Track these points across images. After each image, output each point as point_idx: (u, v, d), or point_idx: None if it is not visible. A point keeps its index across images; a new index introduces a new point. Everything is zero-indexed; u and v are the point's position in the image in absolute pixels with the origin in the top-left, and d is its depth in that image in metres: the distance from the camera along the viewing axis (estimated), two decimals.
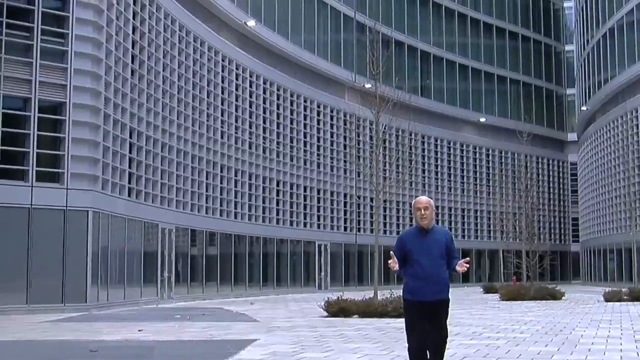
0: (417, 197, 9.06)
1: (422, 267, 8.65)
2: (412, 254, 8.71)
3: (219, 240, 40.19)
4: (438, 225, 8.95)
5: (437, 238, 8.82)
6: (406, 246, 8.80)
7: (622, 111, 53.36)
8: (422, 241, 8.76)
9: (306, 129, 50.04)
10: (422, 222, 8.80)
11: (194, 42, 37.97)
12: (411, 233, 8.97)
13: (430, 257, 8.70)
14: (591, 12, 62.42)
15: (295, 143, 48.69)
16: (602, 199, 59.06)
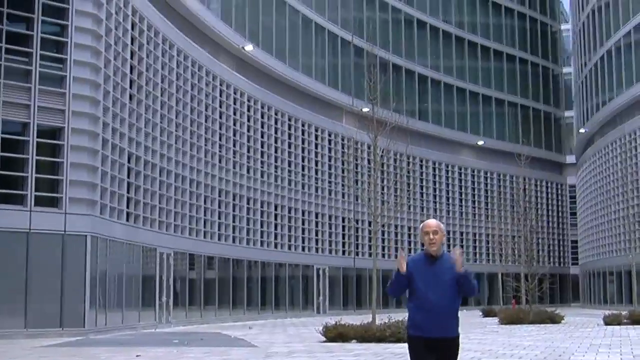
0: (426, 221, 8.05)
1: (428, 299, 7.75)
2: (418, 283, 7.81)
3: (218, 265, 40.13)
4: (448, 252, 8.02)
5: (447, 267, 7.83)
6: (411, 274, 7.87)
7: (620, 133, 53.44)
8: (430, 269, 7.84)
9: (304, 153, 50.07)
10: (431, 248, 7.85)
11: (192, 67, 38.05)
12: (417, 260, 7.99)
13: (438, 287, 7.78)
14: (589, 35, 62.63)
15: (293, 167, 48.71)
16: (601, 221, 59.04)
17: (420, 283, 7.79)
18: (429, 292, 7.76)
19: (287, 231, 47.64)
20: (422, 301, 7.78)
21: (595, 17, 60.09)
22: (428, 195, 63.11)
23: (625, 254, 50.27)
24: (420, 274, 7.83)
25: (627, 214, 50.12)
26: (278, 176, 46.94)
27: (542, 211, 71.76)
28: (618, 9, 54.31)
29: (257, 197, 44.41)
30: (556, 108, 78.43)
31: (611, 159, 56.16)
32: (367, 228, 54.30)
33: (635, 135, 51.21)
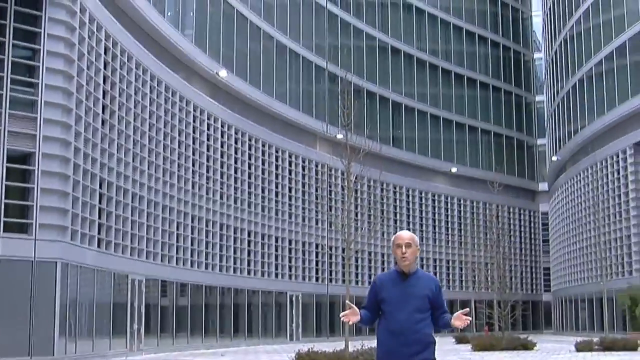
0: (398, 232, 7.29)
1: (398, 321, 7.01)
2: (387, 303, 7.07)
3: (190, 291, 39.84)
4: (422, 269, 7.41)
5: (420, 285, 7.12)
6: (380, 293, 7.14)
7: (592, 161, 53.74)
8: (401, 288, 7.09)
9: (277, 179, 49.96)
10: (403, 264, 7.09)
11: (166, 92, 37.89)
12: (388, 277, 7.27)
13: (410, 308, 7.03)
14: (561, 63, 63.09)
15: (266, 193, 48.56)
16: (573, 248, 59.25)
17: (389, 304, 7.10)
18: (399, 313, 7.04)
19: (260, 258, 47.42)
20: (391, 324, 7.06)
21: (568, 46, 60.56)
22: (401, 222, 63.08)
23: (597, 281, 50.42)
24: (390, 294, 7.12)
25: (598, 241, 50.29)
26: (251, 202, 46.78)
27: (514, 238, 71.95)
28: (590, 38, 54.75)
29: (230, 223, 44.21)
30: (529, 136, 78.82)
31: (583, 187, 56.44)
32: (341, 255, 54.08)
33: (606, 163, 51.51)
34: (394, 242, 7.21)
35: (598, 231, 51.06)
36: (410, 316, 7.05)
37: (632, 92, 47.44)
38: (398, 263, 7.18)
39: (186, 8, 41.85)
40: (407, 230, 7.49)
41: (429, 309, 7.16)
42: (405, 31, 66.29)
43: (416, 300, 7.09)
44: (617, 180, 50.34)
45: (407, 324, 7.04)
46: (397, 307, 7.08)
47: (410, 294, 7.09)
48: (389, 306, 7.11)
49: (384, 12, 64.51)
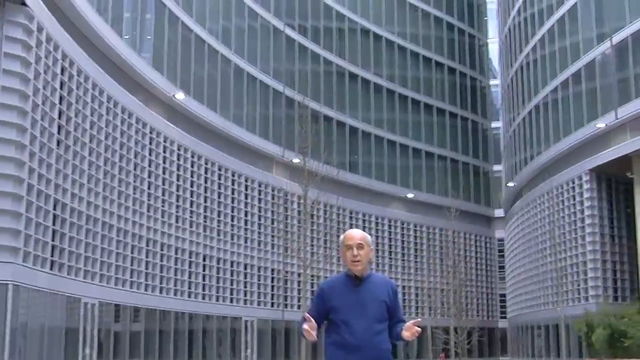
0: (347, 231, 6.51)
1: (352, 333, 6.12)
2: (339, 312, 6.20)
3: (144, 316, 39.28)
4: (377, 273, 6.65)
5: (375, 290, 6.32)
6: (330, 301, 6.26)
7: (548, 187, 54.01)
8: (354, 294, 6.24)
9: (234, 203, 49.59)
10: (355, 268, 6.27)
11: (122, 114, 37.45)
12: (338, 283, 6.39)
13: (366, 317, 6.18)
14: (517, 90, 63.53)
15: (222, 217, 48.15)
16: (529, 275, 59.42)
17: (341, 313, 6.20)
18: (355, 323, 6.15)
19: (215, 282, 46.96)
20: (345, 337, 6.15)
21: (523, 73, 61.00)
22: None
23: (553, 307, 50.55)
24: (342, 301, 6.23)
25: (555, 267, 50.50)
26: (207, 226, 46.35)
27: (470, 264, 72.05)
28: (545, 65, 55.18)
29: (186, 247, 43.75)
30: (485, 162, 79.21)
31: (539, 213, 56.69)
32: (297, 280, 53.83)
33: (562, 189, 51.78)
34: (343, 242, 6.40)
35: (554, 257, 51.25)
36: (369, 327, 6.18)
37: (587, 119, 47.79)
38: (349, 267, 6.34)
39: (144, 30, 41.55)
40: (359, 229, 6.57)
41: (387, 318, 6.37)
42: (362, 56, 66.46)
43: (374, 307, 6.26)
44: (573, 206, 50.61)
45: (365, 336, 6.15)
46: (352, 317, 6.19)
47: (366, 300, 6.25)
48: (343, 315, 6.20)
49: (341, 37, 64.65)
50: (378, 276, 6.58)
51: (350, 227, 60.52)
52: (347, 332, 6.21)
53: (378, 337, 6.27)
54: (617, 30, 44.78)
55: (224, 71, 49.48)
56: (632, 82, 43.39)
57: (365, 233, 6.49)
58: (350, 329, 6.21)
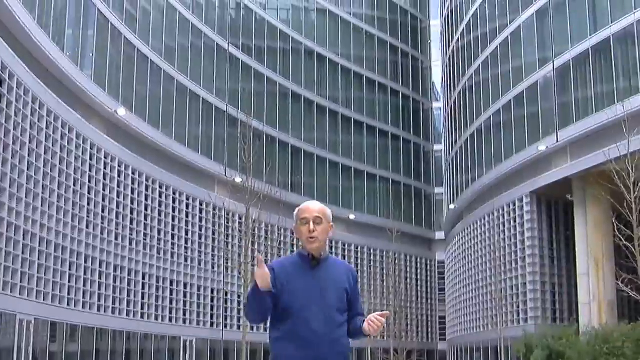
0: (304, 203, 5.64)
1: (308, 324, 5.16)
2: (293, 299, 5.23)
3: (81, 335, 38.58)
4: (336, 257, 5.83)
5: (335, 275, 5.38)
6: (280, 281, 5.30)
7: (489, 209, 54.33)
8: (310, 278, 5.31)
9: (174, 221, 49.07)
10: (311, 246, 5.36)
11: (62, 129, 36.93)
12: (289, 263, 5.44)
13: (324, 306, 5.24)
14: (459, 113, 63.97)
15: (162, 235, 47.62)
16: (469, 297, 59.64)
17: (294, 299, 5.22)
18: (308, 313, 5.19)
19: (155, 301, 46.36)
20: (296, 328, 5.18)
21: (466, 96, 61.43)
22: None
23: (493, 329, 50.74)
24: (293, 286, 5.27)
25: (495, 289, 50.74)
26: (147, 244, 45.80)
27: (411, 286, 72.20)
28: (488, 88, 55.61)
29: (125, 264, 43.15)
30: (426, 184, 79.52)
31: (480, 235, 56.98)
32: (237, 299, 53.38)
33: (503, 212, 52.11)
34: (298, 216, 5.50)
35: (494, 279, 51.49)
36: (329, 317, 5.23)
37: (529, 142, 48.18)
38: (304, 245, 5.42)
39: (86, 45, 41.06)
40: (317, 202, 5.65)
41: (347, 308, 5.43)
42: (306, 77, 66.47)
43: (333, 294, 5.30)
44: (514, 228, 50.93)
45: (325, 329, 5.19)
46: (308, 304, 5.22)
47: (325, 286, 5.30)
48: (296, 302, 5.21)
49: (285, 57, 64.59)
50: (337, 259, 5.61)
51: (291, 247, 60.22)
52: (301, 322, 5.18)
53: (339, 331, 5.29)
54: (559, 54, 45.26)
55: (166, 88, 49.09)
56: (573, 106, 43.86)
57: (325, 206, 5.55)
58: (305, 318, 5.18)
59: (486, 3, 56.67)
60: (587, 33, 42.74)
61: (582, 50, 43.10)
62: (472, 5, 59.81)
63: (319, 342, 5.19)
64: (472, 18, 59.82)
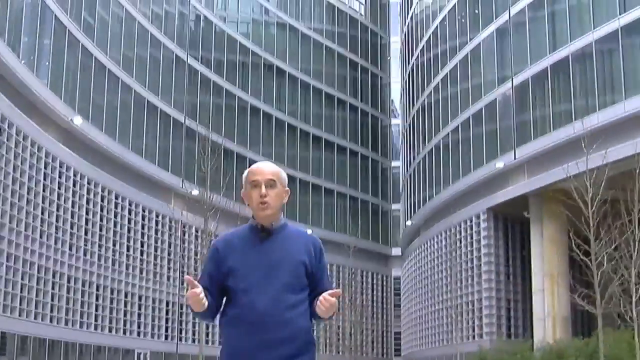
0: (254, 165, 4.91)
1: (254, 306, 4.53)
2: (239, 278, 4.60)
3: (32, 346, 37.95)
4: (293, 226, 4.92)
5: (290, 247, 4.71)
6: (226, 263, 4.67)
7: (446, 226, 54.46)
8: (259, 252, 4.66)
9: (130, 232, 48.59)
10: (262, 213, 4.68)
11: (17, 136, 36.41)
12: (237, 237, 4.77)
13: (277, 285, 4.57)
14: (418, 130, 64.12)
15: (117, 247, 47.10)
16: (424, 312, 59.68)
17: (239, 280, 4.60)
18: (258, 293, 4.54)
19: (109, 313, 45.79)
20: (241, 312, 4.57)
21: (425, 113, 61.63)
22: None
23: (448, 344, 50.78)
24: (241, 262, 4.63)
25: (451, 304, 50.81)
26: (102, 255, 45.27)
27: (367, 302, 72.13)
28: (447, 106, 55.82)
29: (79, 275, 42.60)
30: (384, 201, 79.61)
31: (436, 251, 57.09)
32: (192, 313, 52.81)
33: (460, 228, 52.24)
34: (248, 179, 4.78)
35: (450, 294, 51.57)
36: (278, 297, 4.55)
37: (486, 158, 48.35)
38: (254, 213, 4.73)
39: (43, 52, 40.57)
40: (269, 162, 4.80)
41: (306, 285, 4.71)
42: (265, 91, 66.33)
43: (287, 270, 4.62)
44: (470, 244, 51.07)
45: (272, 311, 4.52)
46: (255, 283, 4.56)
47: (276, 261, 4.62)
48: (242, 281, 4.58)
49: (245, 70, 64.42)
50: (295, 229, 4.86)
51: None
52: (247, 304, 4.53)
53: (291, 312, 4.57)
54: (518, 72, 45.52)
55: (124, 99, 48.67)
56: (531, 124, 44.10)
57: (278, 168, 4.87)
58: (250, 301, 4.53)
59: (446, 21, 56.93)
60: (546, 52, 43.04)
61: (541, 69, 43.37)
62: (432, 23, 60.09)
63: (265, 326, 4.51)
64: (432, 35, 60.10)
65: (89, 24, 45.09)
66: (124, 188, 47.97)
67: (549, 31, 43.67)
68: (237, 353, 4.60)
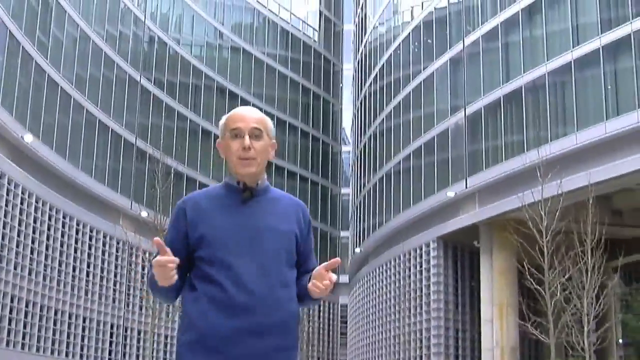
0: (234, 110, 4.05)
1: (239, 282, 3.66)
2: (213, 247, 3.74)
3: None
4: (276, 189, 4.13)
5: (278, 212, 3.90)
6: (196, 227, 3.79)
7: (396, 254, 54.44)
8: (240, 216, 3.82)
9: (76, 252, 47.88)
10: (244, 170, 3.91)
11: None
12: (210, 198, 3.93)
13: (260, 256, 3.73)
14: (368, 157, 64.20)
15: (63, 267, 46.38)
16: (372, 340, 59.49)
17: (216, 248, 3.73)
18: (239, 266, 3.69)
19: (52, 334, 44.99)
20: (221, 288, 3.67)
21: (377, 140, 61.74)
22: None
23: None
24: (215, 228, 3.76)
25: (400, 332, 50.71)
26: (47, 275, 44.54)
27: (313, 329, 71.79)
28: (399, 134, 55.96)
29: (23, 295, 41.84)
30: (333, 228, 79.56)
31: (385, 279, 56.99)
32: (136, 336, 52.23)
33: (409, 256, 52.27)
34: (228, 126, 3.94)
35: (398, 323, 51.51)
36: (266, 272, 3.72)
37: (437, 187, 48.52)
38: (233, 169, 3.96)
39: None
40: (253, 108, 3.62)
41: (293, 256, 3.94)
42: (217, 114, 65.96)
43: (276, 240, 3.80)
44: (420, 273, 51.09)
45: (263, 289, 3.68)
46: (236, 254, 3.70)
47: (264, 228, 3.78)
48: (219, 251, 3.71)
49: (197, 93, 64.17)
50: (280, 192, 4.11)
51: None
52: (228, 280, 3.65)
53: (285, 292, 3.78)
54: (471, 102, 45.84)
55: (76, 118, 48.13)
56: (483, 153, 44.38)
57: (264, 115, 4.05)
58: (235, 275, 3.66)
59: (400, 49, 57.25)
60: (500, 82, 43.42)
61: (494, 99, 43.73)
62: (386, 51, 60.37)
63: (257, 308, 3.63)
64: (386, 63, 60.35)
65: (43, 42, 44.60)
66: (73, 207, 47.33)
67: (503, 62, 44.10)
68: (208, 340, 3.62)
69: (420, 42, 54.06)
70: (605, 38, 36.56)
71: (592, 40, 37.17)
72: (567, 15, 39.44)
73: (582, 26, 38.58)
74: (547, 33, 40.61)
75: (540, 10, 41.11)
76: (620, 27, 35.89)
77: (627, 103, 35.05)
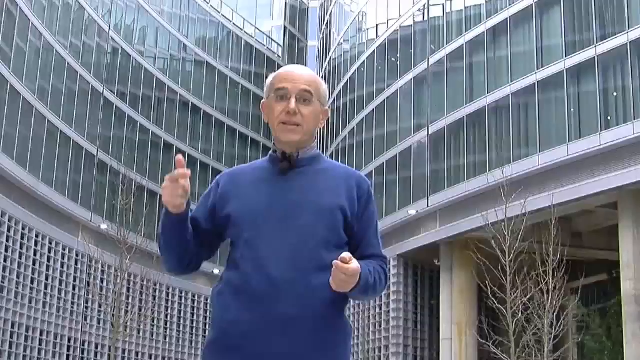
0: (283, 67, 3.60)
1: (263, 265, 3.23)
2: (242, 225, 3.35)
3: None
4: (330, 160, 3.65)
5: (323, 184, 3.38)
6: (227, 203, 3.45)
7: None
8: (277, 190, 3.38)
9: (35, 264, 47.37)
10: (286, 136, 3.44)
11: None
12: (250, 170, 3.57)
13: (294, 235, 3.25)
14: None
15: (21, 279, 45.83)
16: None
17: (246, 226, 3.31)
18: (266, 247, 3.24)
19: (8, 347, 44.42)
20: (243, 273, 3.26)
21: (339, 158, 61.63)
22: (172, 324, 61.09)
23: None
24: (246, 204, 3.36)
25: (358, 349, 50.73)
26: (4, 287, 44.01)
27: None
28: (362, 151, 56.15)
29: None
30: None
31: None
32: (94, 350, 51.75)
33: None
34: (273, 85, 3.48)
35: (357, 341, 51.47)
36: (299, 255, 3.22)
37: (399, 205, 48.70)
38: (276, 136, 3.51)
39: None
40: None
41: (345, 243, 3.39)
42: (179, 127, 65.83)
43: (314, 216, 3.27)
44: None
45: (290, 273, 3.19)
46: (267, 233, 3.26)
47: (300, 203, 3.30)
48: (246, 232, 3.30)
49: (160, 105, 63.89)
50: (333, 162, 3.59)
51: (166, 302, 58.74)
52: (252, 263, 3.22)
53: (320, 278, 3.21)
54: (434, 120, 46.10)
55: (37, 128, 47.68)
56: (445, 172, 44.61)
57: (317, 76, 3.67)
58: (259, 258, 3.21)
59: (364, 67, 57.47)
60: (463, 102, 43.71)
61: (457, 119, 44.01)
62: (350, 68, 60.59)
63: (281, 296, 3.13)
64: (349, 81, 60.55)
65: (5, 51, 44.22)
66: (32, 219, 46.86)
67: (467, 82, 44.42)
68: (229, 337, 3.20)
69: (385, 60, 54.32)
70: (569, 60, 36.95)
71: (557, 62, 37.55)
72: (533, 37, 39.86)
73: (546, 48, 38.97)
74: (511, 54, 40.98)
75: (505, 31, 41.47)
76: (585, 49, 36.30)
77: (590, 126, 35.41)
